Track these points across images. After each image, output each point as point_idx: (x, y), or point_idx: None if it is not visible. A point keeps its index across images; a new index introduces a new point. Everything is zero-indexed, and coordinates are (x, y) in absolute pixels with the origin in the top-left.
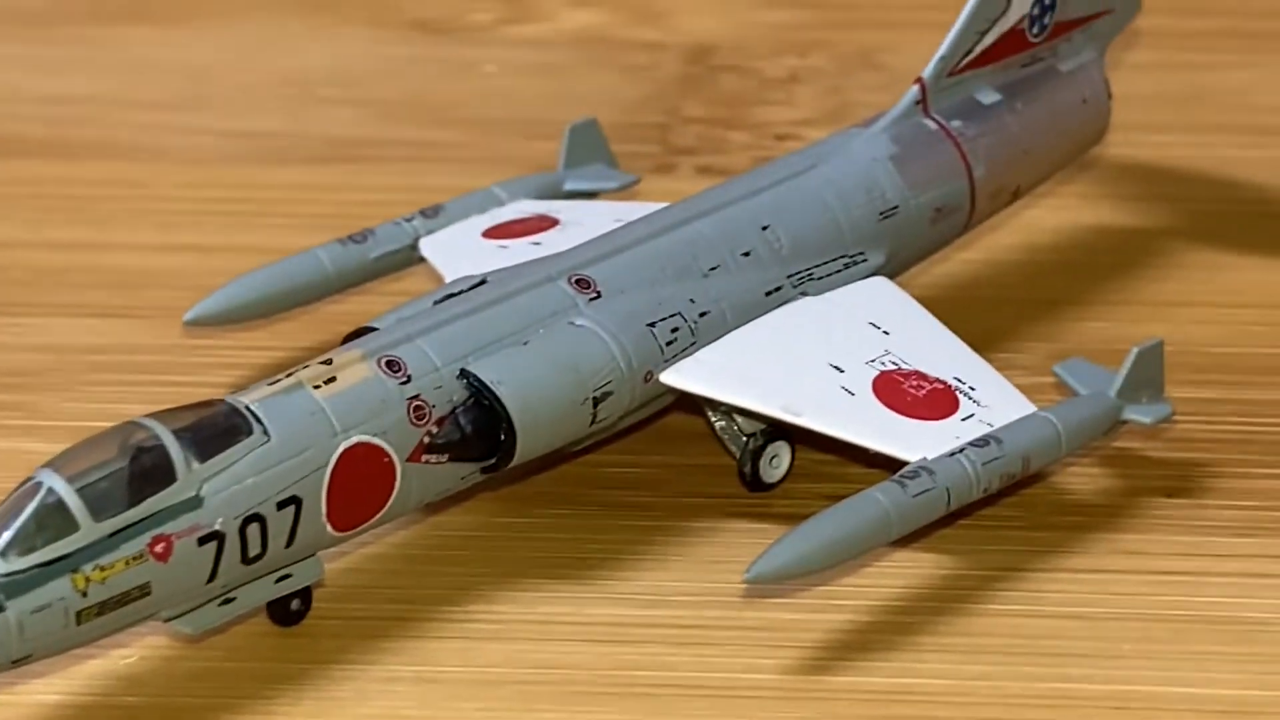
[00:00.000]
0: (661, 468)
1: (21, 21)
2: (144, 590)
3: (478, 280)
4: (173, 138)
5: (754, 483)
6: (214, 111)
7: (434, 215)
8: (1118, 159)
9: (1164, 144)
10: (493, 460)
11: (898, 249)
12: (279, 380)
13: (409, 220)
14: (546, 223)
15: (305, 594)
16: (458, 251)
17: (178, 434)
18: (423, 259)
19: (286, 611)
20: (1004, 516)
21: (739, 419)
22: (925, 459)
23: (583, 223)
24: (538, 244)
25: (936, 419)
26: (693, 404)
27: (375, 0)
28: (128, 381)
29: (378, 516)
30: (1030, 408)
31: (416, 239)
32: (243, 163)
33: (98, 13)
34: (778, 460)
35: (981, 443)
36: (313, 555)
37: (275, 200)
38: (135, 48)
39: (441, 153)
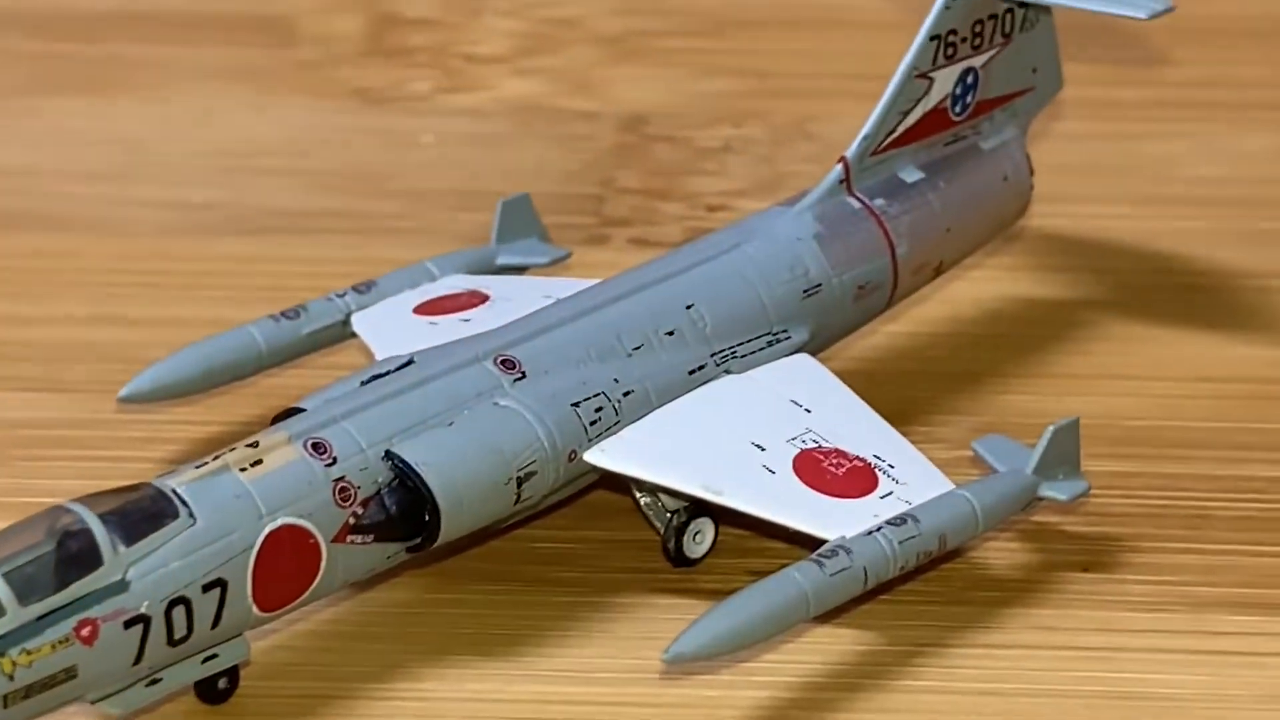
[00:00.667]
0: (587, 543)
1: None
2: (70, 673)
3: (405, 360)
4: (108, 209)
5: (678, 558)
6: (151, 183)
7: (366, 291)
8: (1045, 230)
9: (1092, 215)
10: (418, 540)
11: (821, 326)
12: (206, 463)
13: (341, 296)
14: (477, 299)
15: (232, 673)
16: (389, 327)
17: (104, 518)
18: (354, 335)
19: (214, 690)
20: (922, 591)
21: (663, 496)
22: (843, 537)
23: (512, 299)
24: (467, 320)
25: (855, 497)
26: (618, 480)
27: (315, 69)
28: (59, 457)
29: (303, 597)
30: (948, 485)
31: (349, 314)
32: (179, 235)
33: (33, 84)
34: (701, 536)
35: (899, 521)
36: (239, 635)
37: (211, 273)
38: (71, 119)
39: (379, 224)
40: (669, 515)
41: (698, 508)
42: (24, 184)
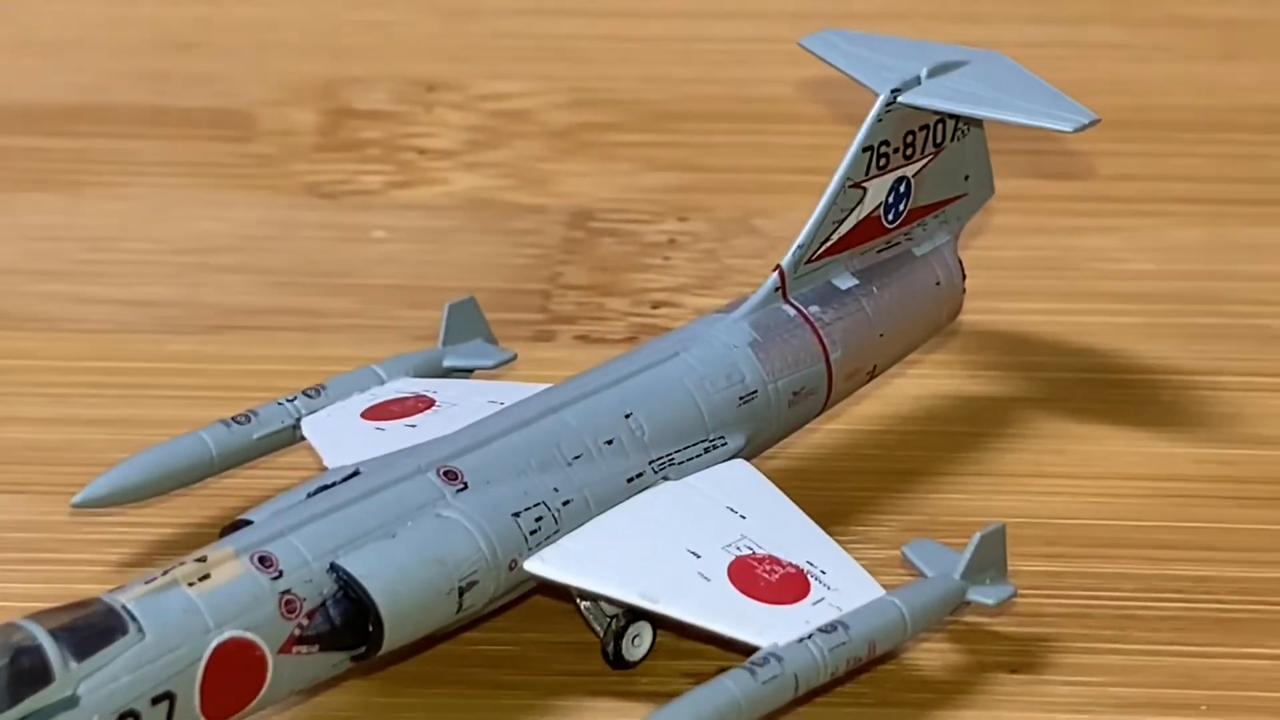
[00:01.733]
0: (529, 644)
1: None
2: None
3: (351, 471)
4: (66, 307)
5: (617, 661)
6: (109, 280)
7: (316, 395)
8: (980, 326)
9: (1025, 310)
10: (362, 649)
11: (757, 431)
12: (155, 578)
13: (291, 400)
14: (423, 403)
15: None
16: (337, 432)
17: (55, 634)
18: (303, 439)
19: None
20: (853, 693)
21: (602, 602)
22: (775, 645)
23: (458, 403)
24: (413, 426)
25: (788, 603)
26: (553, 592)
27: (270, 164)
28: (14, 560)
29: (250, 707)
30: (879, 591)
31: (299, 419)
32: (137, 333)
33: None
34: (639, 640)
35: (830, 628)
36: None
37: (166, 372)
38: (28, 215)
39: (331, 321)
40: (608, 620)
41: (636, 612)
42: None
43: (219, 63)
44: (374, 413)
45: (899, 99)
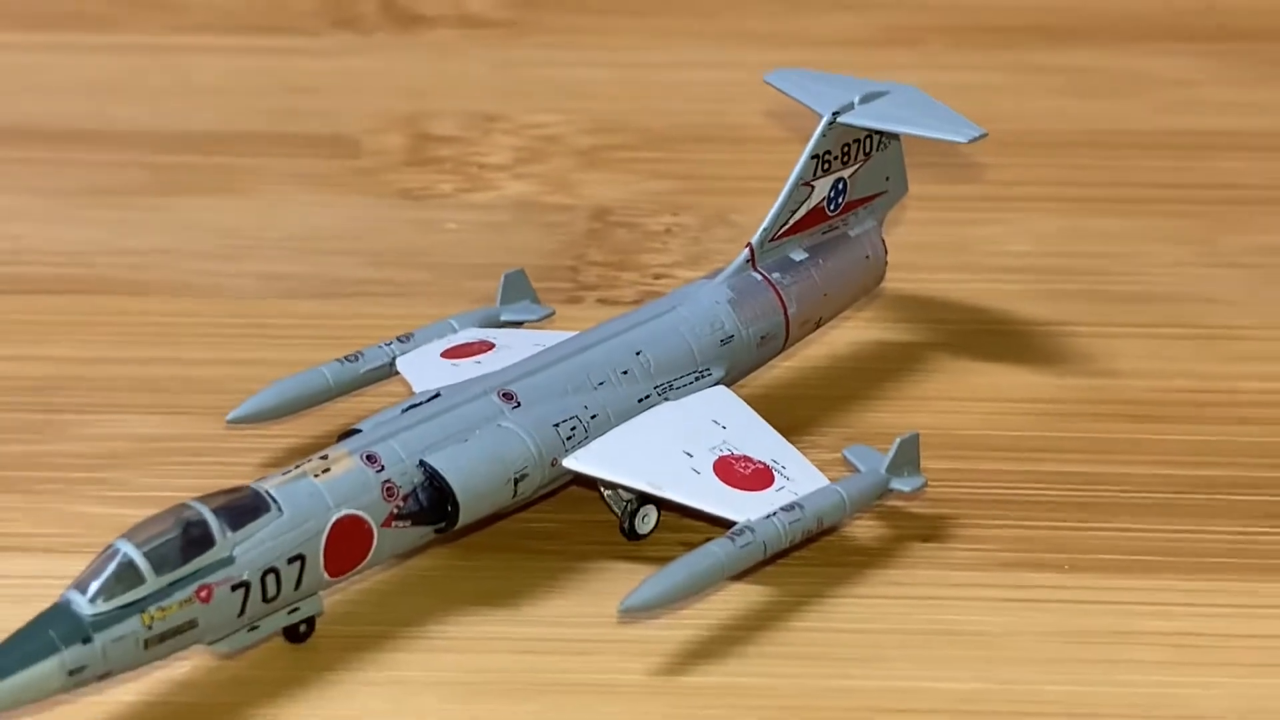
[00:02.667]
0: (565, 523)
1: (107, 193)
2: (192, 624)
3: (434, 394)
4: (217, 279)
5: (631, 534)
6: (249, 259)
7: (406, 340)
8: (897, 291)
9: (931, 281)
10: (442, 525)
11: (733, 366)
12: (289, 471)
13: (388, 344)
14: (486, 346)
15: (310, 621)
16: (422, 367)
17: (215, 511)
18: (398, 373)
19: (296, 633)
20: (806, 558)
21: (620, 489)
22: (749, 520)
23: (511, 346)
24: (479, 363)
25: (758, 490)
26: (588, 479)
27: (368, 177)
28: (186, 463)
29: (360, 566)
30: (824, 482)
31: (394, 358)
32: (270, 297)
33: (162, 187)
34: (647, 518)
35: (789, 508)
36: (315, 594)
37: (295, 325)
38: (188, 213)
39: (416, 288)
40: (624, 503)
41: (645, 498)
42: (156, 261)
43: (332, 101)
44: (449, 353)
45: (838, 119)
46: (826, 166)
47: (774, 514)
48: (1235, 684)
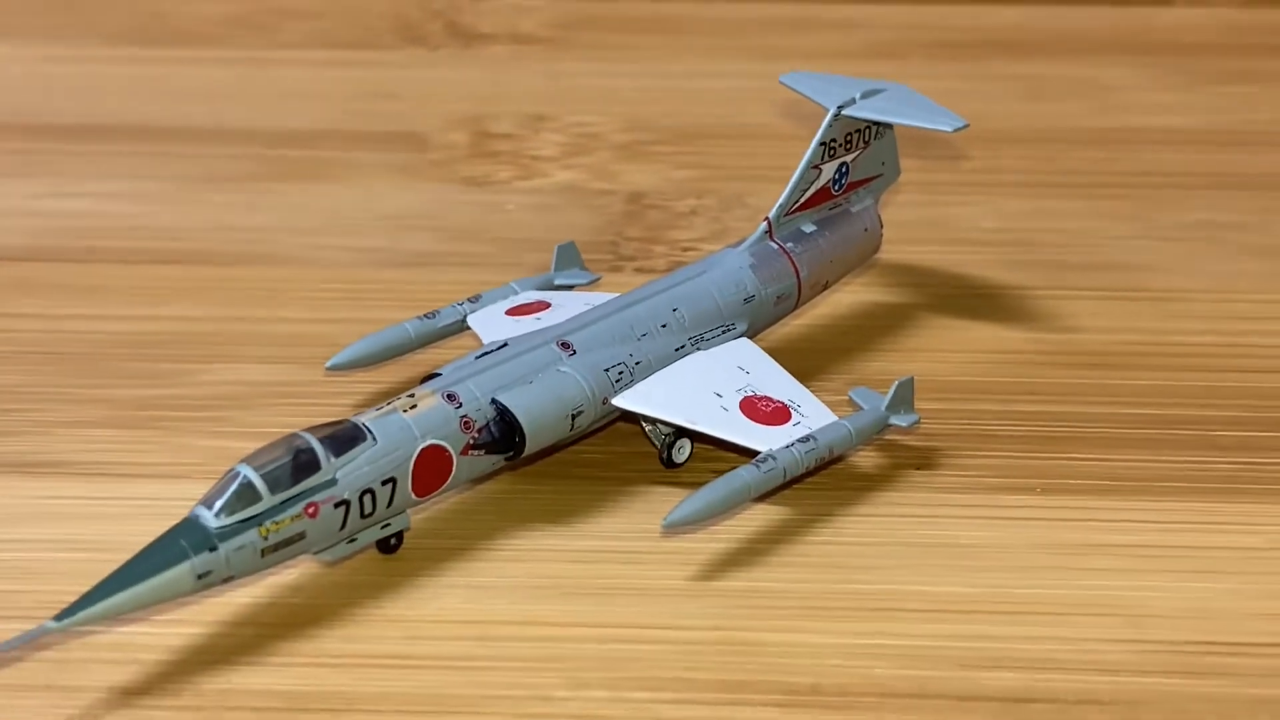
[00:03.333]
0: (612, 454)
1: (222, 180)
2: (301, 536)
3: (502, 343)
4: (316, 252)
5: (668, 463)
6: (341, 234)
7: (475, 301)
8: (890, 260)
9: (918, 251)
10: (510, 454)
11: (754, 321)
12: (382, 407)
13: (460, 305)
14: (543, 306)
15: (399, 535)
16: (490, 324)
17: (321, 440)
18: (469, 328)
19: (388, 545)
20: (818, 482)
21: (659, 424)
22: (771, 449)
23: (565, 306)
24: (538, 319)
25: (778, 425)
26: (632, 416)
27: (439, 167)
28: (290, 404)
29: (442, 488)
30: (833, 418)
31: (465, 316)
32: (359, 267)
33: (267, 174)
34: (683, 449)
35: (805, 440)
36: (404, 511)
37: (381, 289)
38: (289, 197)
39: (481, 260)
40: (663, 436)
41: (680, 432)
42: (263, 236)
43: (408, 105)
44: (512, 311)
45: (842, 112)
46: (832, 152)
47: (792, 444)
48: (1181, 588)
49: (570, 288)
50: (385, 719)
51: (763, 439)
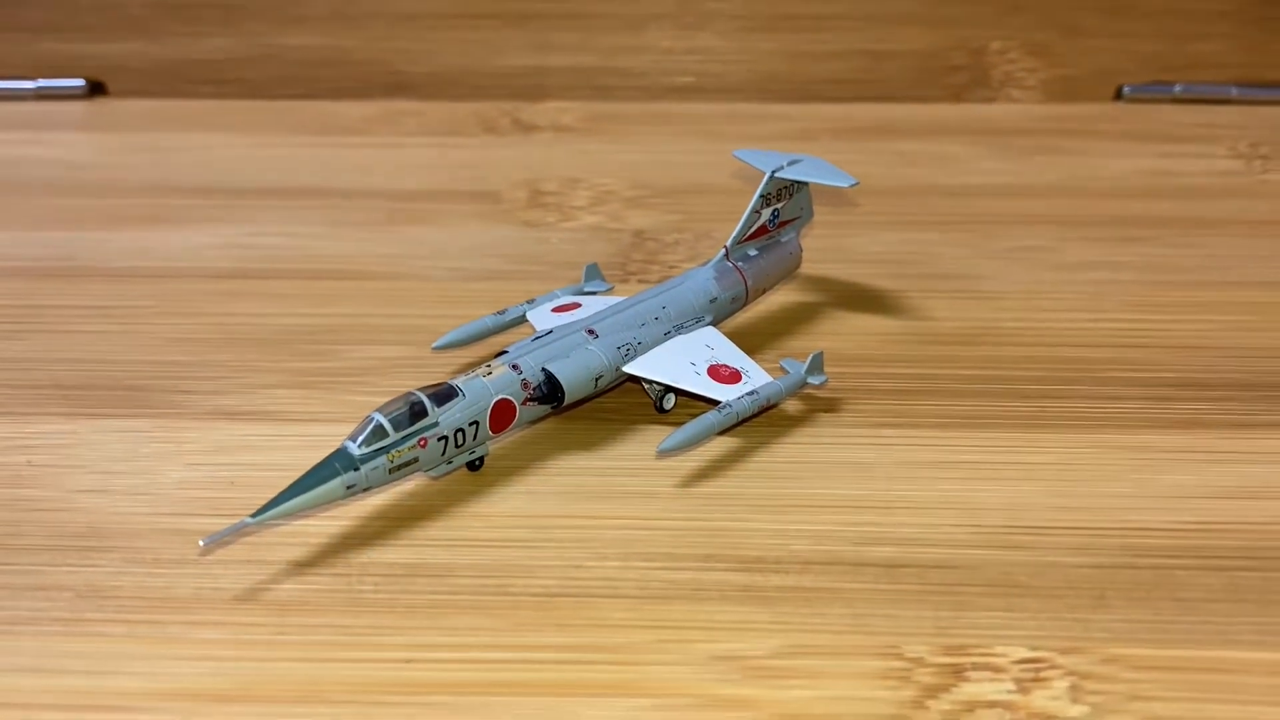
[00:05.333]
0: (623, 404)
1: (361, 225)
2: (415, 460)
3: (548, 331)
4: (425, 270)
5: (660, 410)
6: (440, 260)
7: (531, 302)
8: (806, 273)
9: (824, 267)
10: (555, 403)
11: (717, 315)
12: (469, 374)
13: (521, 305)
14: (576, 305)
15: (481, 459)
16: (541, 318)
17: (429, 396)
18: (527, 321)
19: (474, 466)
20: (760, 422)
21: (654, 384)
22: (728, 400)
23: (591, 306)
24: (574, 316)
25: (733, 384)
26: (635, 379)
27: (508, 214)
28: (409, 372)
29: (509, 428)
30: (770, 379)
31: (525, 313)
32: (454, 281)
33: (391, 220)
34: (670, 400)
35: (750, 393)
36: (484, 443)
37: (468, 297)
38: (408, 233)
39: (535, 276)
40: (657, 392)
41: (667, 389)
42: (388, 260)
43: (486, 173)
44: (556, 309)
45: (775, 174)
46: (767, 202)
47: (742, 396)
48: (1001, 490)
49: (594, 294)
50: (471, 580)
51: (723, 393)
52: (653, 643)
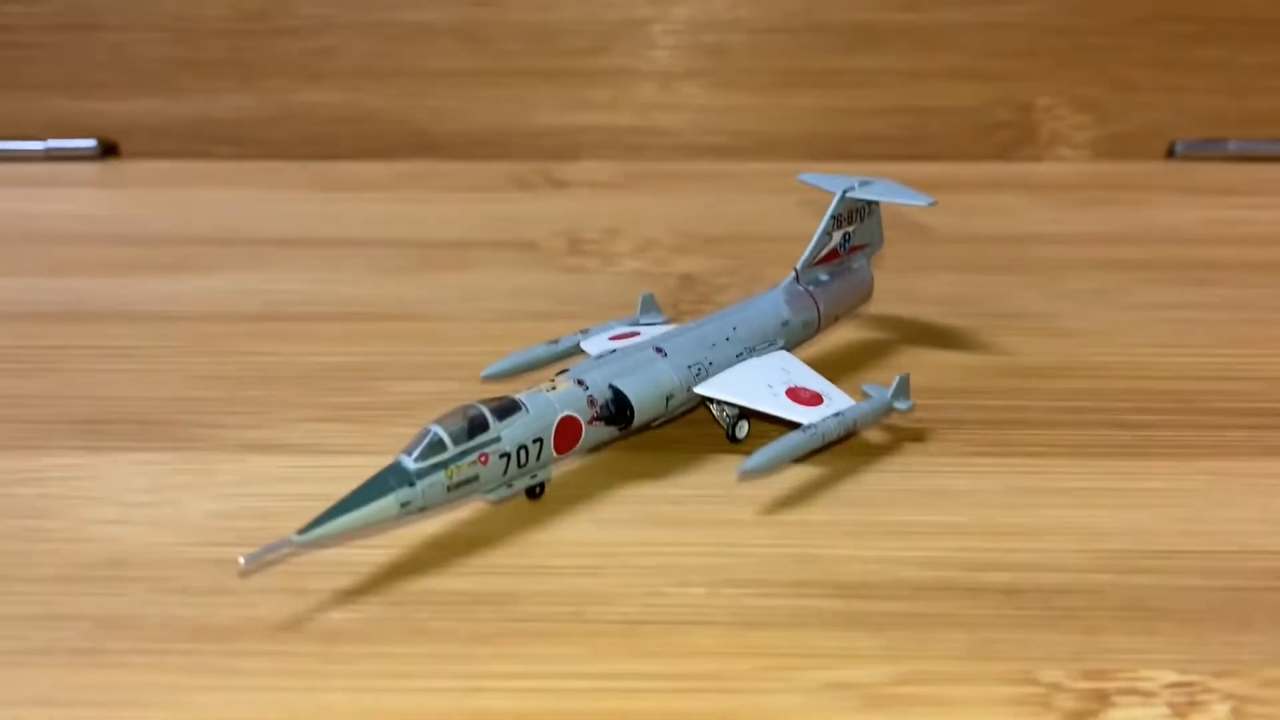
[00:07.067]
0: (690, 433)
1: (395, 271)
2: (475, 479)
3: (613, 350)
4: (464, 311)
5: (732, 438)
6: (484, 302)
7: (586, 333)
8: (876, 305)
9: (895, 301)
10: (623, 424)
11: (789, 340)
12: (534, 389)
13: (574, 335)
14: (634, 334)
15: (542, 485)
16: (597, 346)
17: (490, 409)
18: (582, 351)
19: (534, 493)
20: (844, 449)
21: (725, 407)
22: (813, 422)
23: (646, 334)
24: (630, 342)
25: (815, 406)
26: (707, 401)
27: (550, 260)
28: (456, 398)
29: (575, 448)
30: (853, 403)
31: (579, 342)
32: (494, 321)
33: (425, 266)
34: (743, 427)
35: (834, 416)
36: (547, 466)
37: (512, 335)
38: (444, 278)
39: (583, 313)
40: (729, 418)
41: (742, 413)
42: (424, 303)
43: (523, 224)
44: (614, 339)
45: (846, 195)
46: (839, 224)
47: (826, 419)
48: (1114, 515)
49: (651, 325)
50: (541, 607)
51: (805, 415)
52: (753, 670)
